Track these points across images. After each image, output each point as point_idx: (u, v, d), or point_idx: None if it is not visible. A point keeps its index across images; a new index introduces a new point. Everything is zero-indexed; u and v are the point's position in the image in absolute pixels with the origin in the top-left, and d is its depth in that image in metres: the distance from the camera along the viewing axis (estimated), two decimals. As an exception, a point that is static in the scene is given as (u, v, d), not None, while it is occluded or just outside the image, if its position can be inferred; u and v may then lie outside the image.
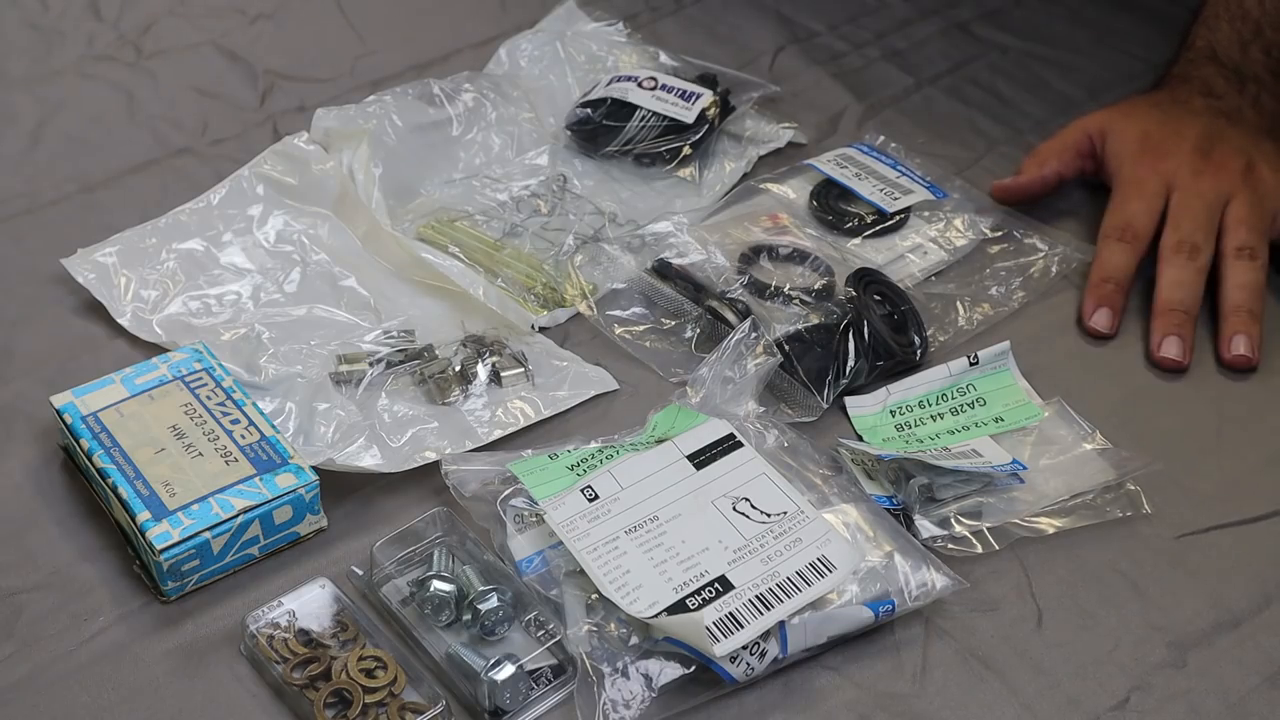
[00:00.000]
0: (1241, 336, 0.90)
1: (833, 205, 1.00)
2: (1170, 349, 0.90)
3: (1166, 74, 1.05)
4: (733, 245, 0.95)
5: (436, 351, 0.89)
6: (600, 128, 1.04)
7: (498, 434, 0.84)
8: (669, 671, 0.70)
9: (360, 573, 0.76)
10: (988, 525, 0.79)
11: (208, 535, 0.74)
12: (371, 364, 0.87)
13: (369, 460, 0.81)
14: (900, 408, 0.87)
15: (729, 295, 0.91)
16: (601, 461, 0.79)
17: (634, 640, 0.71)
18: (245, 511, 0.75)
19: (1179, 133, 0.97)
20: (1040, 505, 0.80)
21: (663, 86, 1.05)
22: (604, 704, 0.69)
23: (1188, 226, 0.93)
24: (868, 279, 0.91)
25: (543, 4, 1.17)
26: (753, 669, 0.71)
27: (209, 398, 0.81)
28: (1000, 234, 0.99)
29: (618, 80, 1.07)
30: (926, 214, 1.00)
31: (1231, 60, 1.01)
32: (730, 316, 0.89)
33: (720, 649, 0.69)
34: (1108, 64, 1.17)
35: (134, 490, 0.76)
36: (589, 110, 1.05)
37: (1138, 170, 0.97)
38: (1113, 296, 0.93)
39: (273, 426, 0.80)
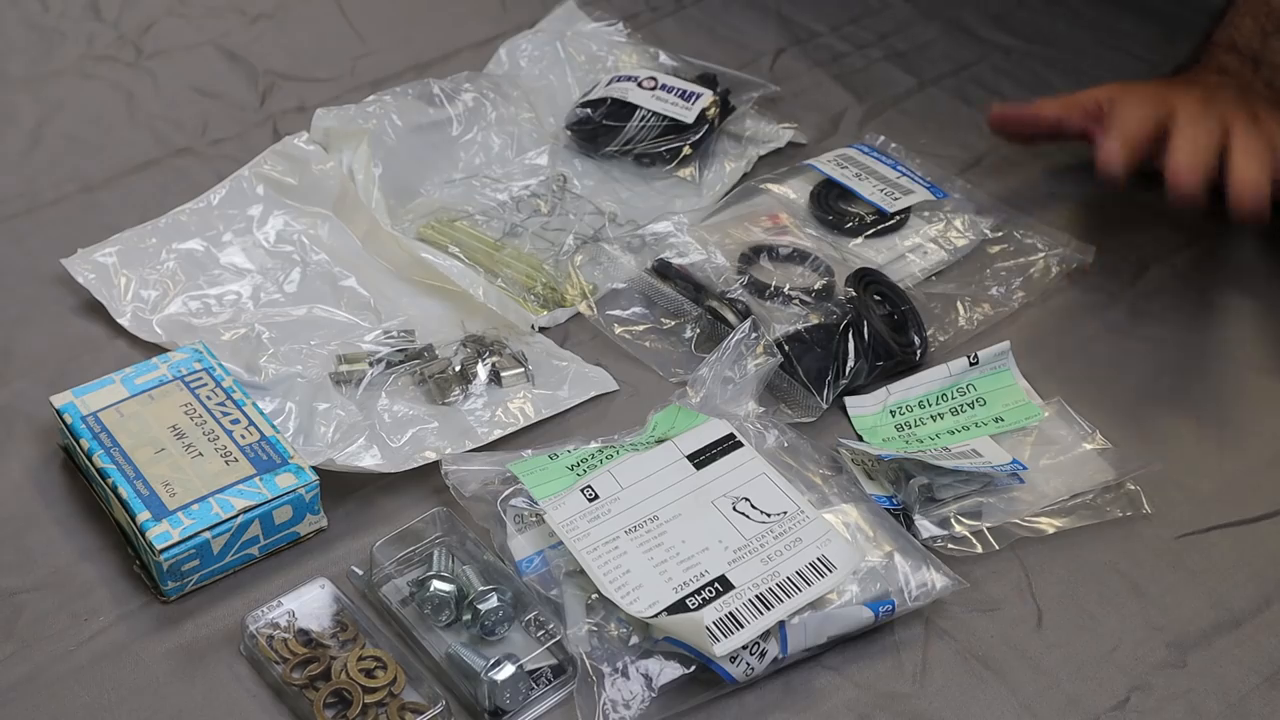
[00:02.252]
0: (1249, 191, 0.90)
1: (833, 205, 1.00)
2: (1184, 183, 0.90)
3: (1182, 67, 1.05)
4: (733, 245, 0.95)
5: (436, 351, 0.89)
6: (600, 128, 1.04)
7: (498, 434, 0.84)
8: (669, 671, 0.70)
9: (360, 573, 0.76)
10: (988, 525, 0.79)
11: (208, 535, 0.74)
12: (371, 364, 0.87)
13: (369, 460, 0.81)
14: (900, 408, 0.87)
15: (729, 295, 0.91)
16: (601, 461, 0.79)
17: (634, 640, 0.71)
18: (245, 511, 0.75)
19: (1186, 89, 0.97)
20: (1040, 505, 0.80)
21: (663, 86, 1.05)
22: (604, 704, 0.69)
23: (1193, 118, 0.93)
24: (868, 279, 0.91)
25: (543, 4, 1.17)
26: (753, 669, 0.71)
27: (209, 398, 0.81)
28: (1000, 234, 0.99)
29: (618, 80, 1.07)
30: (927, 214, 1.00)
31: (1250, 49, 1.01)
32: (730, 316, 0.89)
33: (720, 649, 0.69)
34: (1110, 65, 1.17)
35: (134, 490, 0.76)
36: (589, 110, 1.05)
37: (1143, 104, 0.96)
38: (1129, 143, 0.92)
39: (273, 426, 0.80)
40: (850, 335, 0.87)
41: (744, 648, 0.71)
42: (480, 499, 0.78)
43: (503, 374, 0.87)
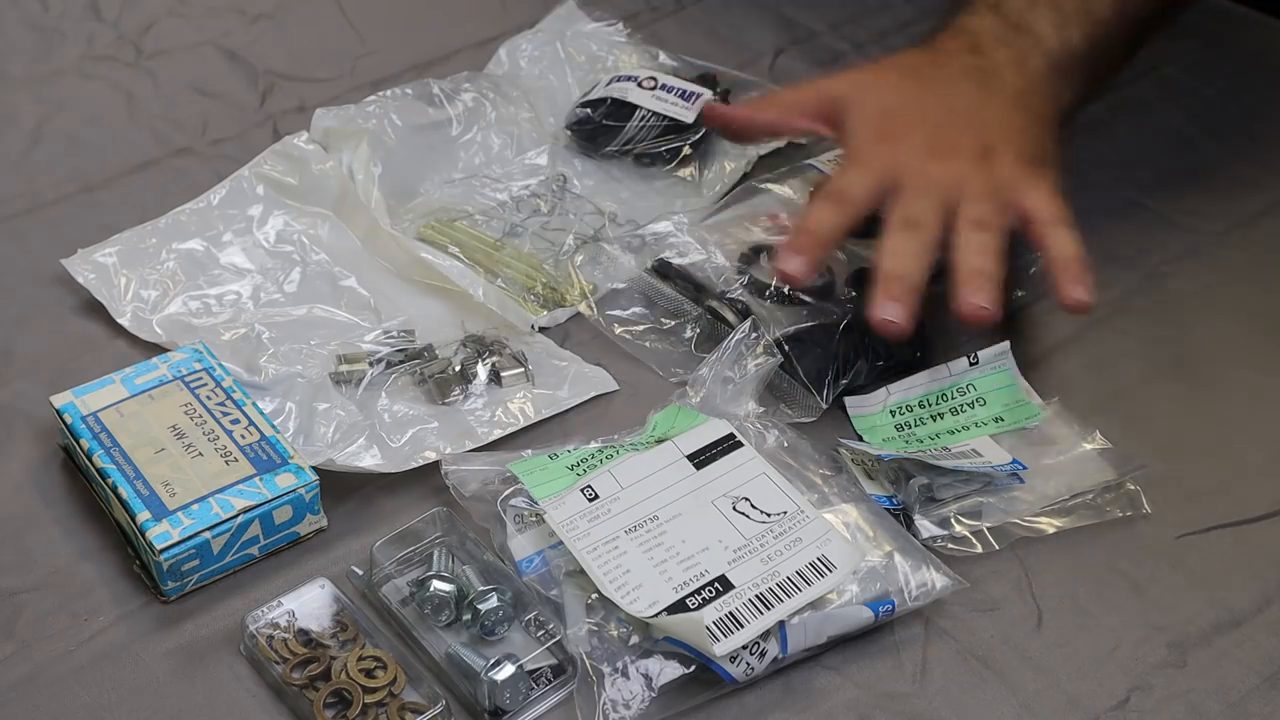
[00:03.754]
0: (978, 291, 0.83)
1: (833, 205, 1.00)
2: (888, 311, 0.82)
3: (945, 21, 0.98)
4: (733, 245, 0.95)
5: (436, 351, 0.89)
6: (600, 128, 1.04)
7: (498, 434, 0.84)
8: (669, 671, 0.70)
9: (360, 573, 0.76)
10: (988, 525, 0.79)
11: (208, 535, 0.74)
12: (371, 364, 0.87)
13: (369, 460, 0.81)
14: (900, 408, 0.87)
15: (729, 295, 0.91)
16: (601, 461, 0.79)
17: (634, 640, 0.71)
18: (245, 511, 0.75)
19: (920, 112, 0.91)
20: (1040, 505, 0.80)
21: (663, 86, 1.05)
22: (604, 704, 0.69)
23: (913, 207, 0.86)
24: (868, 279, 0.91)
25: (543, 4, 1.17)
26: (753, 669, 0.71)
27: (209, 398, 0.81)
28: (1000, 234, 0.99)
29: (618, 80, 1.07)
30: (926, 214, 1.00)
31: (1015, 13, 0.94)
32: (730, 316, 0.89)
33: (720, 648, 0.69)
34: (1108, 64, 1.17)
35: (134, 490, 0.76)
36: (589, 110, 1.05)
37: (870, 150, 0.90)
38: (811, 248, 0.86)
39: (273, 426, 0.80)
40: (850, 335, 0.87)
41: (744, 647, 0.71)
42: (480, 499, 0.78)
43: (503, 374, 0.87)
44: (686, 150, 1.03)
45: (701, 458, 0.79)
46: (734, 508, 0.76)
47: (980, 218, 0.86)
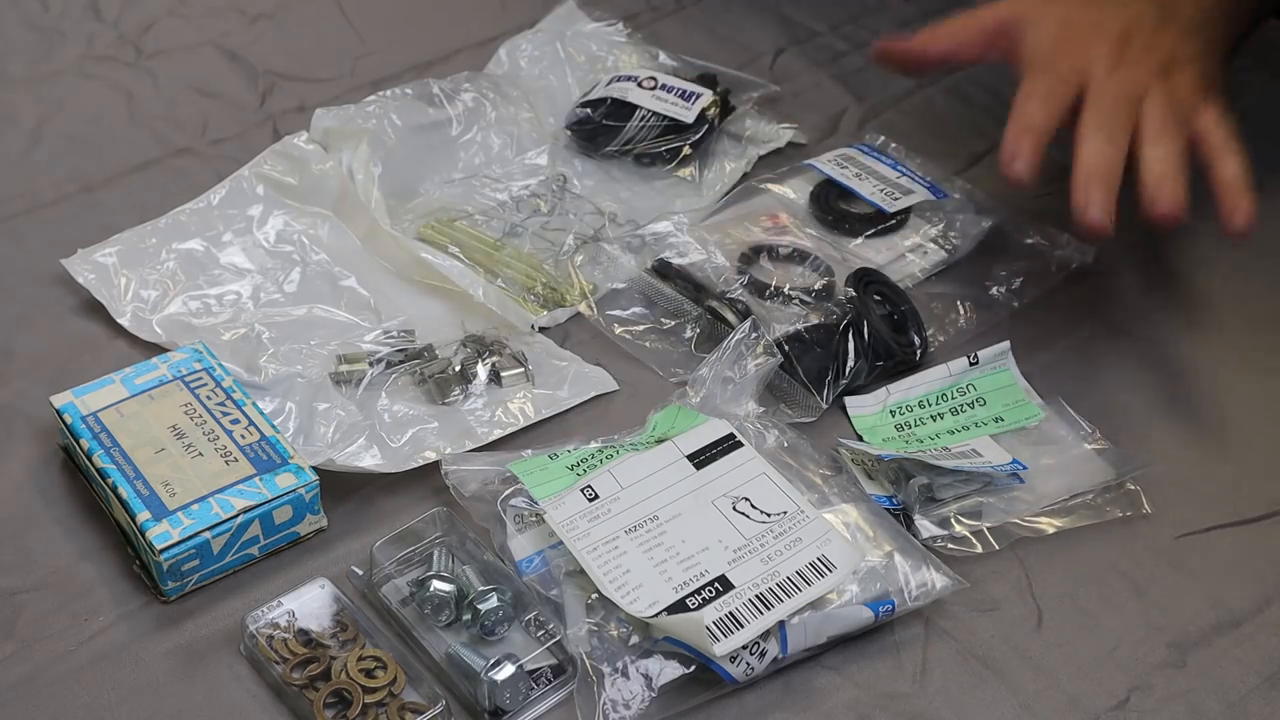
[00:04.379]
0: (1166, 196, 0.85)
1: (833, 205, 1.00)
2: (1094, 213, 0.85)
3: None
4: (733, 245, 0.95)
5: (436, 351, 0.89)
6: (600, 128, 1.04)
7: (498, 434, 0.84)
8: (669, 671, 0.70)
9: (360, 573, 0.76)
10: (988, 525, 0.79)
11: (208, 535, 0.74)
12: (371, 364, 0.87)
13: (369, 460, 0.81)
14: (900, 408, 0.87)
15: (729, 295, 0.91)
16: (601, 461, 0.79)
17: (634, 640, 0.71)
18: (245, 511, 0.75)
19: (1100, 24, 0.92)
20: (1040, 505, 0.80)
21: (663, 86, 1.05)
22: (604, 704, 0.69)
23: (1104, 113, 0.88)
24: (868, 279, 0.91)
25: (543, 4, 1.17)
26: (753, 669, 0.71)
27: (209, 398, 0.81)
28: (1001, 234, 0.99)
29: (618, 80, 1.07)
30: (927, 214, 1.00)
31: None
32: (730, 316, 0.89)
33: (720, 648, 0.69)
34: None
35: (134, 490, 0.76)
36: (589, 110, 1.05)
37: (1054, 59, 0.91)
38: (1033, 145, 0.87)
39: (273, 426, 0.80)
40: (850, 335, 0.87)
41: (744, 647, 0.71)
42: (480, 499, 0.78)
43: (503, 374, 0.87)
44: (686, 150, 1.03)
45: (701, 458, 0.79)
46: (734, 508, 0.76)
47: (1163, 130, 0.87)
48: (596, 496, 0.76)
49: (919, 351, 0.89)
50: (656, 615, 0.71)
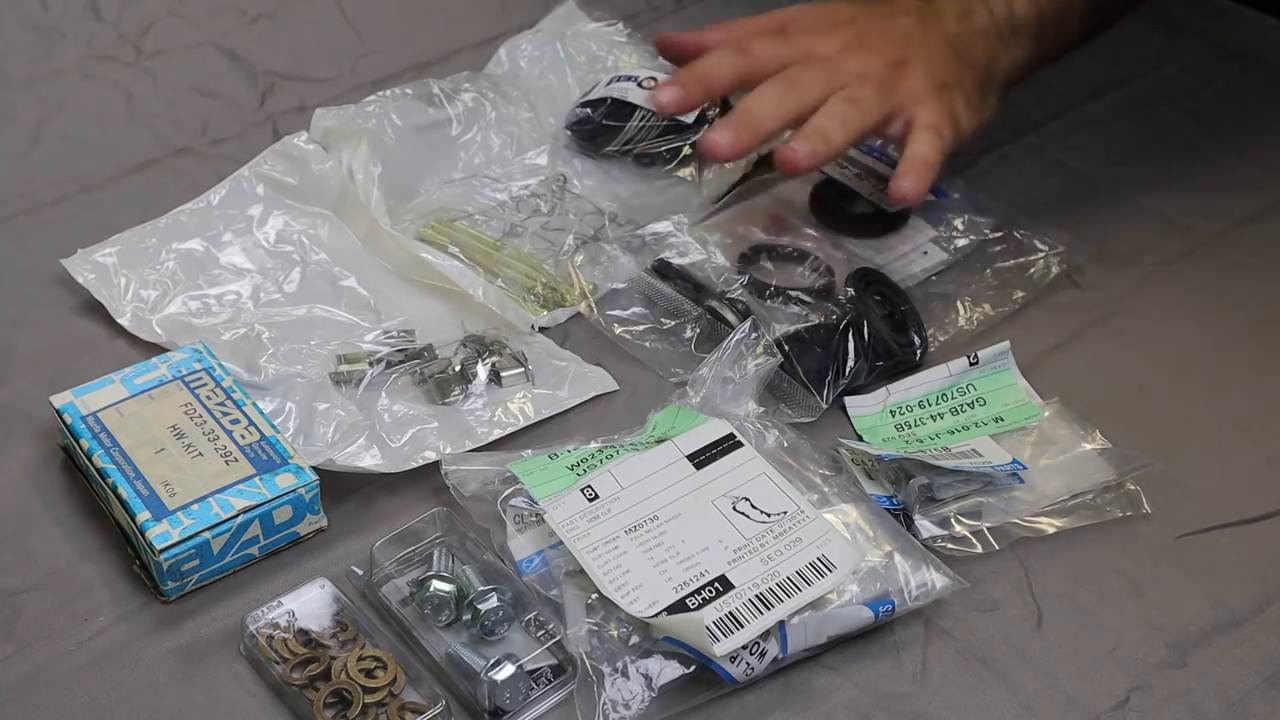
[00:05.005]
0: (799, 143, 0.86)
1: (833, 205, 1.00)
2: (722, 137, 0.87)
3: None
4: (733, 245, 0.96)
5: (436, 351, 0.89)
6: (600, 128, 1.04)
7: (498, 434, 0.84)
8: (669, 671, 0.70)
9: (360, 573, 0.76)
10: (988, 525, 0.79)
11: (207, 535, 0.74)
12: (371, 364, 0.87)
13: (369, 460, 0.81)
14: (900, 408, 0.87)
15: (729, 295, 0.91)
16: (601, 461, 0.79)
17: (634, 640, 0.71)
18: (245, 511, 0.75)
19: (854, 22, 0.94)
20: (1040, 505, 0.80)
21: (663, 86, 1.05)
22: (604, 704, 0.69)
23: (804, 73, 0.88)
24: (868, 279, 0.91)
25: (543, 4, 1.17)
26: (753, 669, 0.71)
27: (209, 398, 0.81)
28: (1000, 234, 0.99)
29: (618, 80, 1.07)
30: (927, 214, 1.00)
31: None
32: (730, 316, 0.89)
33: (720, 648, 0.69)
34: (1109, 64, 1.17)
35: (134, 490, 0.76)
36: (589, 110, 1.05)
37: (796, 36, 0.93)
38: (694, 85, 0.89)
39: (273, 426, 0.80)
40: (850, 335, 0.87)
41: (744, 648, 0.71)
42: (480, 499, 0.78)
43: (503, 374, 0.87)
44: (686, 150, 1.03)
45: (701, 458, 0.79)
46: (734, 508, 0.76)
47: (855, 97, 0.87)
48: (596, 496, 0.76)
49: (919, 351, 0.89)
50: (656, 615, 0.71)
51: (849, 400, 0.87)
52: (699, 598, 0.72)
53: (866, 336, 0.87)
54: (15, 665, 0.72)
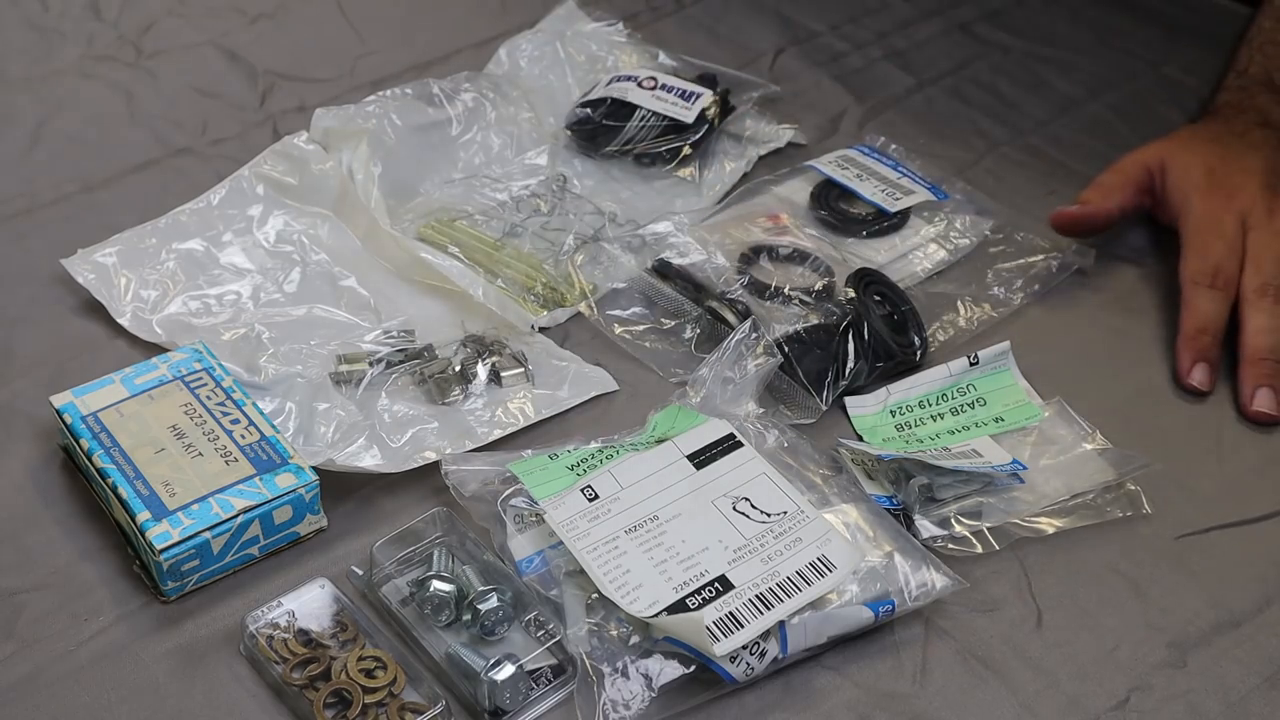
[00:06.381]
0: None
1: (833, 205, 1.00)
2: (1263, 401, 0.87)
3: (1215, 101, 1.02)
4: (733, 245, 0.95)
5: (436, 351, 0.89)
6: (600, 128, 1.04)
7: (498, 434, 0.84)
8: (669, 671, 0.70)
9: (360, 573, 0.76)
10: (988, 525, 0.79)
11: (208, 535, 0.74)
12: (371, 364, 0.87)
13: (369, 460, 0.81)
14: (900, 408, 0.87)
15: (729, 295, 0.91)
16: (601, 461, 0.79)
17: (634, 640, 0.71)
18: (245, 511, 0.75)
19: (1244, 168, 0.94)
20: (1040, 505, 0.80)
21: (663, 86, 1.05)
22: (604, 704, 0.69)
23: (1270, 269, 0.90)
24: (868, 279, 0.91)
25: (543, 4, 1.17)
26: (753, 669, 0.71)
27: (209, 398, 0.81)
28: (1000, 235, 0.99)
29: (618, 80, 1.07)
30: (927, 214, 1.00)
31: None
32: (730, 317, 0.89)
33: (720, 648, 0.69)
34: (1109, 64, 1.17)
35: (134, 490, 0.75)
36: (589, 110, 1.05)
37: (1210, 208, 0.93)
38: (1209, 349, 0.89)
39: (273, 426, 0.80)
40: (850, 335, 0.87)
41: (744, 648, 0.71)
42: (480, 499, 0.78)
43: (503, 374, 0.87)
44: (686, 150, 1.03)
45: (701, 458, 0.79)
46: (734, 508, 0.76)
47: None
48: (596, 496, 0.76)
49: (919, 352, 0.89)
50: (656, 615, 0.71)
51: (849, 400, 0.87)
52: (699, 598, 0.72)
53: (866, 337, 0.87)
54: (15, 665, 0.72)
